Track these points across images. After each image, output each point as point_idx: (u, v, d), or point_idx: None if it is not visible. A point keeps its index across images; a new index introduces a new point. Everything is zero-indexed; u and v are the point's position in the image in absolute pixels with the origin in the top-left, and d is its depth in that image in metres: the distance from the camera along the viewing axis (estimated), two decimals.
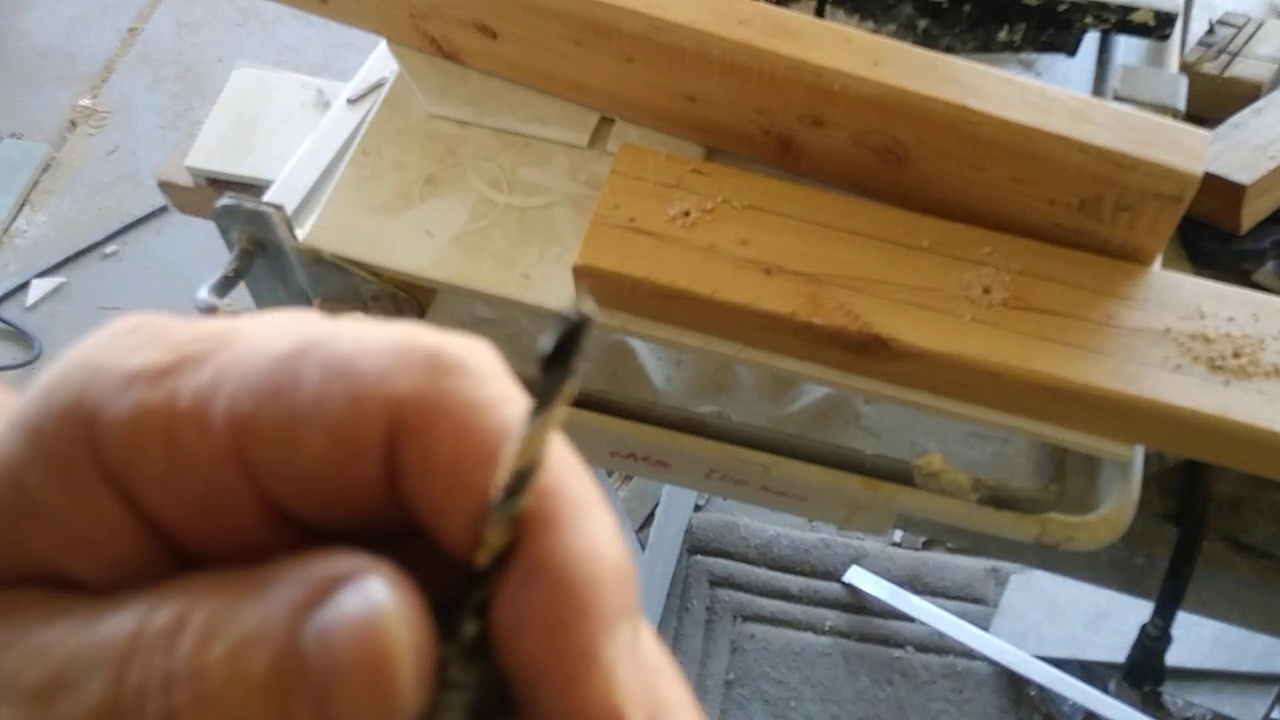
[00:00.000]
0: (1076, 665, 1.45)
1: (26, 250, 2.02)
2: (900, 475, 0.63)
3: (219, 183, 0.84)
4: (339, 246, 0.64)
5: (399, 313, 0.68)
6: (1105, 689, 1.42)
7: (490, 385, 0.18)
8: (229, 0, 2.40)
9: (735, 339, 0.59)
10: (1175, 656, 0.75)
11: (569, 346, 0.17)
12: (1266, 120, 0.73)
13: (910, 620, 1.53)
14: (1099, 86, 0.73)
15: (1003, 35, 0.71)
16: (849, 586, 1.57)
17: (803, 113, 0.59)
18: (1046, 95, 0.55)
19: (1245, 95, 0.78)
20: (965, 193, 0.58)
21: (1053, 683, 1.43)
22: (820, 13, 0.72)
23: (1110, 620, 1.46)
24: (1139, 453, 0.60)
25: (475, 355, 0.19)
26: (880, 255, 0.57)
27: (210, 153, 0.84)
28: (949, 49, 0.72)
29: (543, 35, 0.63)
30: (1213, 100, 0.78)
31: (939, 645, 1.52)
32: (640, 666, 0.18)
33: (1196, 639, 1.38)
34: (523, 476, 0.17)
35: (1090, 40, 0.73)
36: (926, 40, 0.72)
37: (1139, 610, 0.73)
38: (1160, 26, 0.68)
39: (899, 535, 1.62)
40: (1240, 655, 1.37)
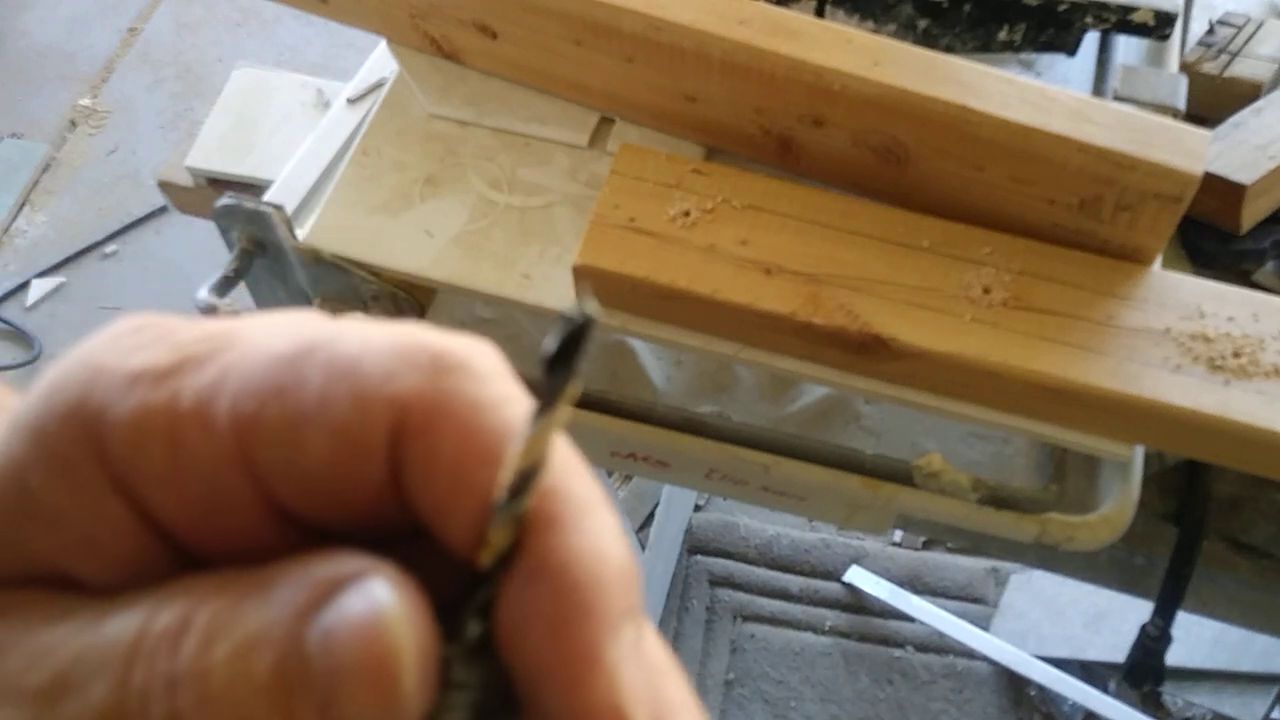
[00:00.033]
0: (1076, 665, 1.45)
1: (26, 250, 2.02)
2: (900, 475, 0.63)
3: (219, 183, 0.84)
4: (339, 246, 0.64)
5: (399, 313, 0.68)
6: (1105, 689, 1.42)
7: (493, 386, 0.18)
8: (229, 0, 2.40)
9: (735, 339, 0.59)
10: (1175, 656, 0.75)
11: (572, 347, 0.17)
12: (1266, 120, 0.73)
13: (910, 620, 1.53)
14: (1099, 86, 0.73)
15: (1003, 35, 0.71)
16: (849, 586, 1.57)
17: (803, 113, 0.59)
18: (1046, 95, 0.55)
19: (1245, 95, 0.78)
20: (965, 193, 0.58)
21: (1053, 683, 1.43)
22: (820, 13, 0.72)
23: (1110, 620, 1.46)
24: (1139, 453, 0.60)
25: (478, 356, 0.19)
26: (880, 255, 0.57)
27: (210, 153, 0.84)
28: (949, 49, 0.72)
29: (543, 35, 0.63)
30: (1213, 100, 0.78)
31: (939, 645, 1.52)
32: (644, 666, 0.18)
33: (1196, 639, 1.38)
34: (526, 477, 0.17)
35: (1090, 40, 0.73)
36: (926, 40, 0.72)
37: (1139, 610, 0.73)
38: (1160, 26, 0.68)
39: (899, 535, 1.62)
40: (1240, 655, 1.37)
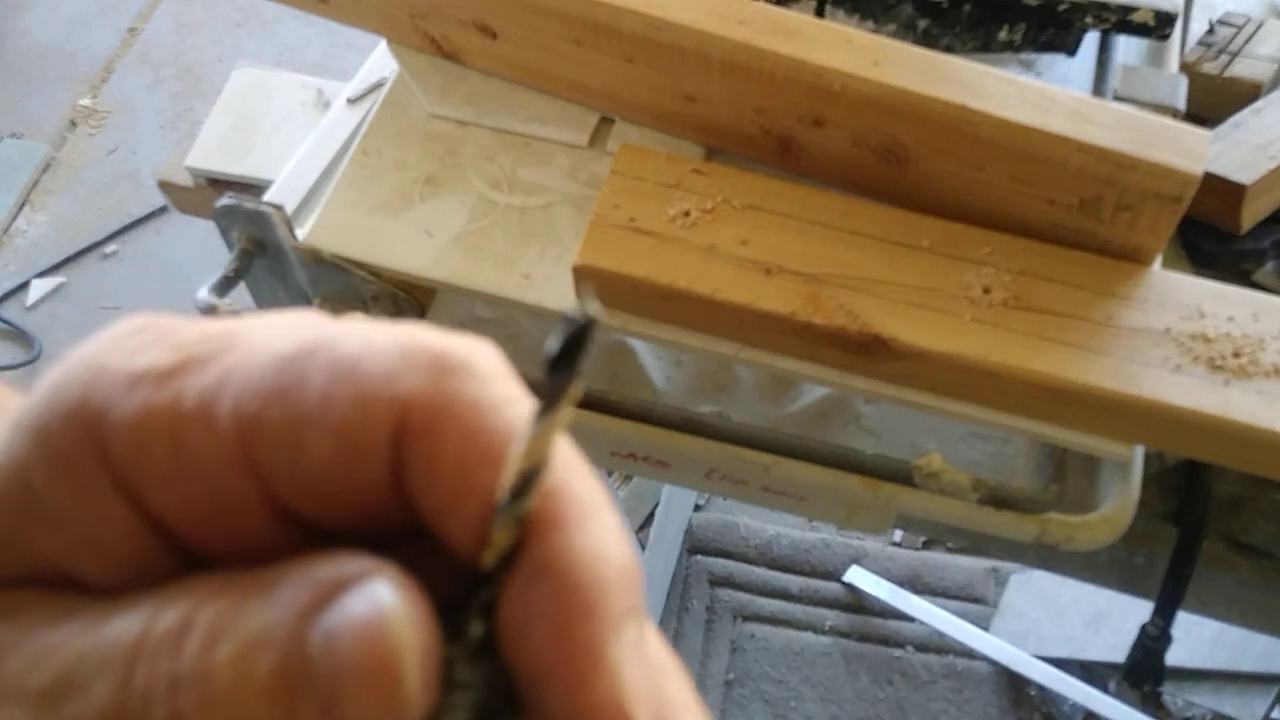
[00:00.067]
0: (1076, 665, 1.45)
1: (26, 250, 2.02)
2: (900, 475, 0.63)
3: (219, 183, 0.84)
4: (339, 246, 0.64)
5: (399, 313, 0.68)
6: (1105, 689, 1.42)
7: (495, 386, 0.18)
8: (229, 0, 2.40)
9: (735, 339, 0.59)
10: (1175, 656, 0.75)
11: (575, 348, 0.17)
12: (1266, 120, 0.73)
13: (910, 620, 1.53)
14: (1099, 86, 0.73)
15: (1003, 35, 0.71)
16: (849, 586, 1.57)
17: (803, 113, 0.59)
18: (1046, 95, 0.55)
19: (1245, 95, 0.78)
20: (965, 193, 0.58)
21: (1053, 683, 1.43)
22: (820, 13, 0.72)
23: (1110, 620, 1.46)
24: (1139, 453, 0.60)
25: (480, 356, 0.19)
26: (880, 255, 0.57)
27: (210, 153, 0.84)
28: (949, 49, 0.72)
29: (543, 35, 0.63)
30: (1213, 100, 0.78)
31: (939, 645, 1.52)
32: (646, 666, 0.18)
33: (1196, 639, 1.38)
34: (528, 477, 0.17)
35: (1090, 40, 0.73)
36: (926, 40, 0.72)
37: (1139, 610, 0.73)
38: (1160, 26, 0.68)
39: (899, 535, 1.62)
40: (1240, 655, 1.37)
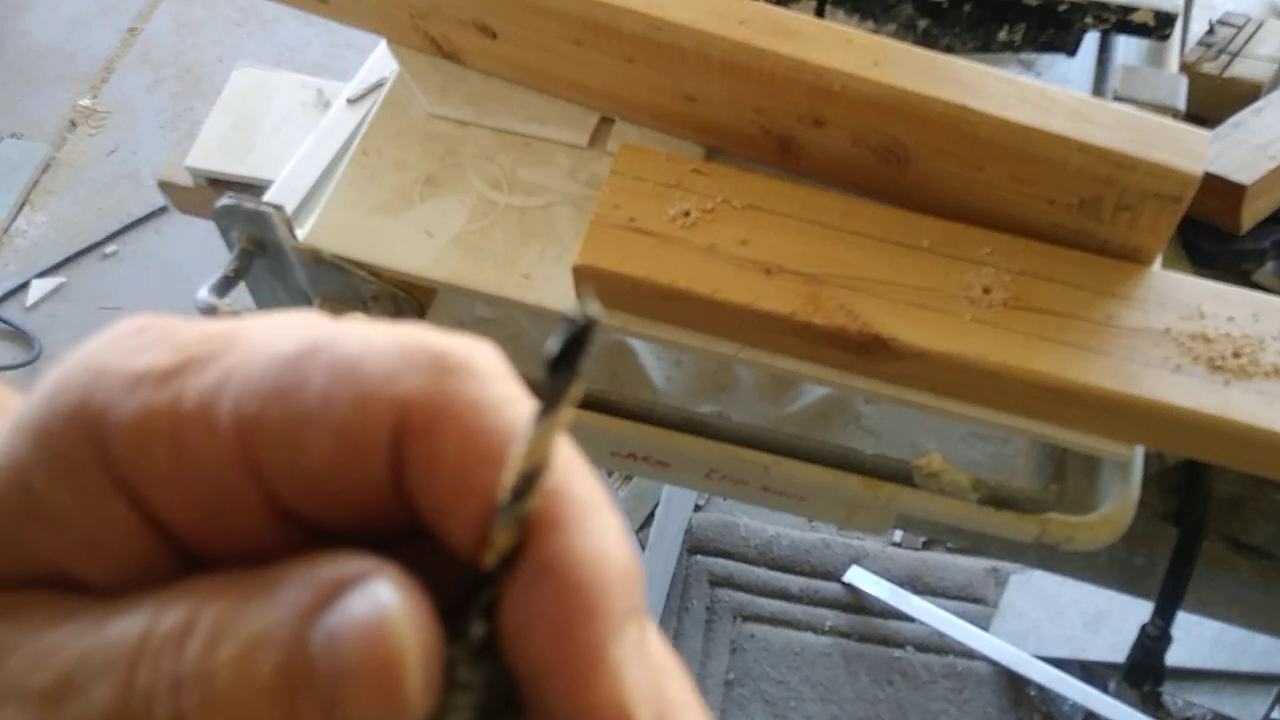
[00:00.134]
0: (1076, 665, 1.45)
1: (26, 250, 2.02)
2: (900, 475, 0.63)
3: (219, 183, 0.84)
4: (339, 246, 0.64)
5: (399, 313, 0.68)
6: (1105, 689, 1.42)
7: (496, 387, 0.18)
8: (229, 0, 2.40)
9: (735, 339, 0.59)
10: (1175, 656, 0.75)
11: (575, 349, 0.17)
12: (1266, 120, 0.73)
13: (910, 620, 1.53)
14: (1099, 86, 0.73)
15: (1003, 35, 0.71)
16: (849, 586, 1.57)
17: (803, 113, 0.59)
18: (1046, 95, 0.55)
19: (1245, 95, 0.78)
20: (965, 193, 0.58)
21: (1053, 683, 1.43)
22: (820, 13, 0.72)
23: (1110, 620, 1.46)
24: (1139, 453, 0.60)
25: (480, 357, 0.19)
26: (880, 255, 0.57)
27: (210, 153, 0.84)
28: (949, 49, 0.72)
29: (543, 35, 0.63)
30: (1213, 100, 0.78)
31: (939, 645, 1.52)
32: (647, 666, 0.18)
33: (1196, 639, 1.38)
34: (529, 478, 0.17)
35: (1090, 40, 0.73)
36: (926, 40, 0.72)
37: (1139, 610, 0.73)
38: (1160, 26, 0.68)
39: (899, 535, 1.62)
40: (1240, 655, 1.37)
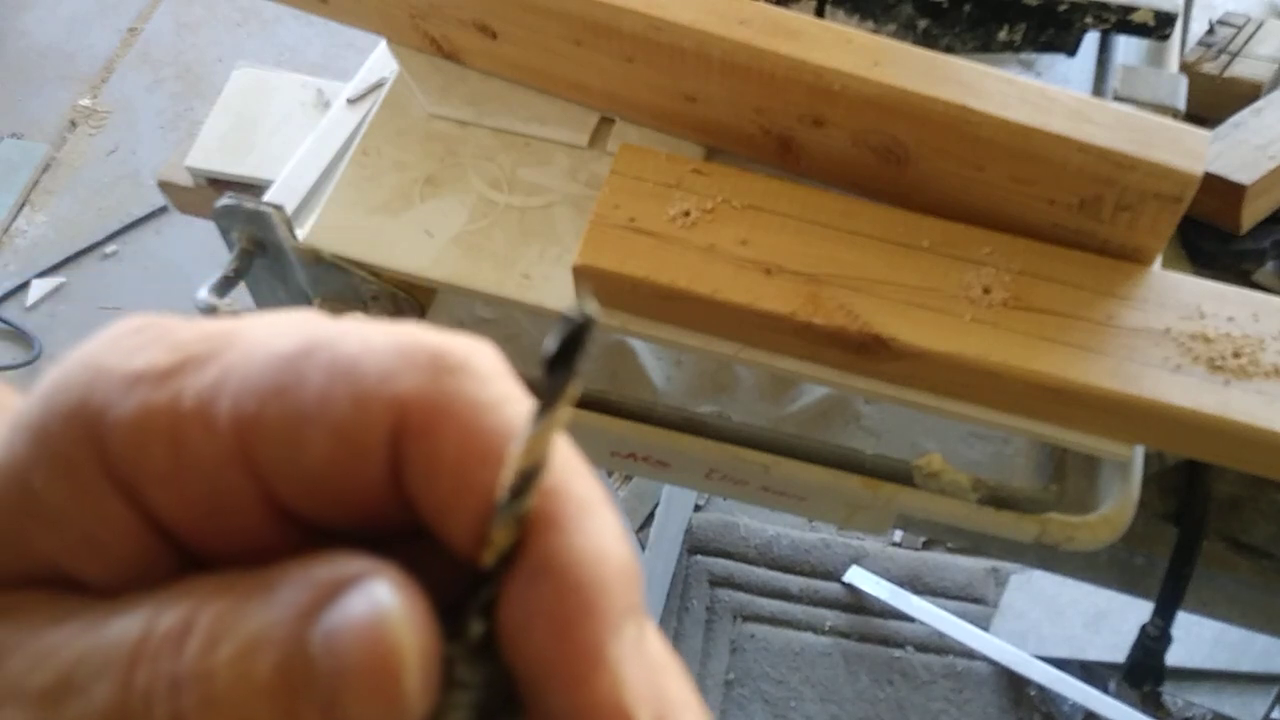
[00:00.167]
0: (1076, 665, 1.45)
1: (26, 250, 2.02)
2: (900, 475, 0.63)
3: (219, 183, 0.84)
4: (339, 246, 0.64)
5: (399, 313, 0.68)
6: (1105, 689, 1.42)
7: (494, 385, 0.18)
8: (229, 0, 2.40)
9: (735, 339, 0.59)
10: (1175, 656, 0.75)
11: (573, 347, 0.17)
12: (1266, 120, 0.73)
13: (910, 620, 1.53)
14: (1099, 86, 0.73)
15: (1003, 35, 0.71)
16: (849, 586, 1.57)
17: (803, 113, 0.59)
18: (1046, 95, 0.55)
19: (1245, 95, 0.78)
20: (965, 193, 0.58)
21: (1053, 683, 1.43)
22: (820, 13, 0.72)
23: (1110, 620, 1.46)
24: (1139, 453, 0.60)
25: (479, 355, 0.19)
26: (880, 255, 0.57)
27: (210, 153, 0.84)
28: (949, 49, 0.72)
29: (543, 35, 0.63)
30: (1213, 100, 0.78)
31: (939, 645, 1.52)
32: (646, 665, 0.18)
33: (1196, 639, 1.38)
34: (528, 476, 0.17)
35: (1090, 40, 0.73)
36: (926, 40, 0.72)
37: (1139, 610, 0.73)
38: (1160, 26, 0.68)
39: (899, 535, 1.62)
40: (1240, 655, 1.37)
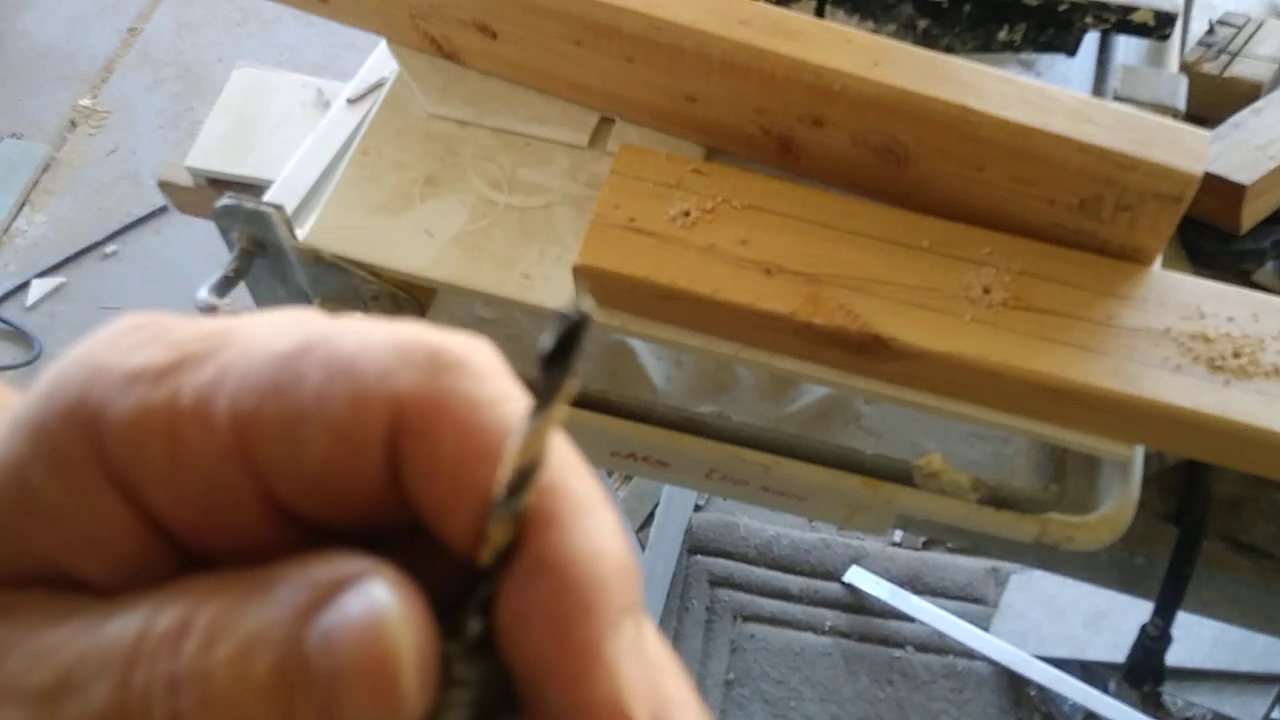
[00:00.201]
0: (1076, 665, 1.45)
1: (26, 250, 2.02)
2: (900, 475, 0.63)
3: (219, 183, 0.84)
4: (339, 246, 0.64)
5: (399, 313, 0.68)
6: (1105, 689, 1.42)
7: (491, 383, 0.18)
8: (229, 0, 2.40)
9: (735, 339, 0.59)
10: (1175, 656, 0.75)
11: (569, 345, 0.17)
12: (1266, 120, 0.73)
13: (910, 620, 1.53)
14: (1099, 86, 0.73)
15: (1003, 35, 0.71)
16: (849, 586, 1.57)
17: (803, 113, 0.59)
18: (1046, 95, 0.55)
19: (1245, 95, 0.78)
20: (965, 193, 0.58)
21: (1053, 683, 1.43)
22: (820, 13, 0.72)
23: (1110, 620, 1.46)
24: (1139, 453, 0.60)
25: (476, 354, 0.19)
26: (880, 255, 0.57)
27: (210, 153, 0.84)
28: (949, 49, 0.72)
29: (543, 35, 0.63)
30: (1213, 100, 0.78)
31: (939, 645, 1.52)
32: (644, 663, 0.18)
33: (1196, 639, 1.38)
34: (525, 474, 0.18)
35: (1090, 40, 0.73)
36: (926, 40, 0.72)
37: (1139, 610, 0.73)
38: (1160, 26, 0.68)
39: (899, 535, 1.62)
40: (1240, 655, 1.37)
